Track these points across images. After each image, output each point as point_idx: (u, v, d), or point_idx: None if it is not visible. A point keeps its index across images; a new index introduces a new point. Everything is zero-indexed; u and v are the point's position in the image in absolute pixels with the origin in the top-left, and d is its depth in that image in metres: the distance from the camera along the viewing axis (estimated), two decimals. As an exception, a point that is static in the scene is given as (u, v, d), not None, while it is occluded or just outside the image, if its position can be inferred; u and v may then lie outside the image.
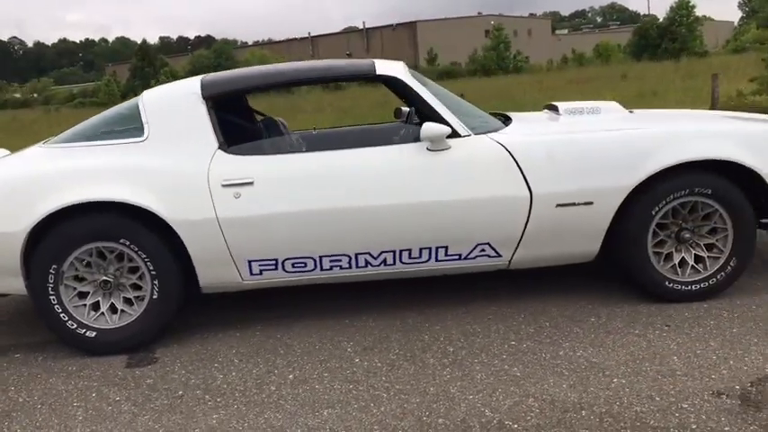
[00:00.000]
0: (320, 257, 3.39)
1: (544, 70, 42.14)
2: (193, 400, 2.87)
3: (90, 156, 3.40)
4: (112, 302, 3.40)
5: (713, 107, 10.86)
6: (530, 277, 3.88)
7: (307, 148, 3.63)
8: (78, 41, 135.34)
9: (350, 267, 3.44)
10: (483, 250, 3.45)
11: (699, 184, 3.36)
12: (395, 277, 3.56)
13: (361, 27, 68.64)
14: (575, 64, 43.97)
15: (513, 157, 3.35)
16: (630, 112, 4.12)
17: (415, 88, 3.48)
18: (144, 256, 3.30)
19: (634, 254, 3.44)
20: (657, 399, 2.61)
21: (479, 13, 70.02)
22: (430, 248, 3.41)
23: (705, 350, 2.97)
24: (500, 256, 3.47)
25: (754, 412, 2.46)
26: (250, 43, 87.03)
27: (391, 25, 66.24)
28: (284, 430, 2.59)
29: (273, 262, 3.39)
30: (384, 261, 3.43)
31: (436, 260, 3.46)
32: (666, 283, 3.47)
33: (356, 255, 3.40)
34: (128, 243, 3.28)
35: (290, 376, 3.02)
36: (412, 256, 3.43)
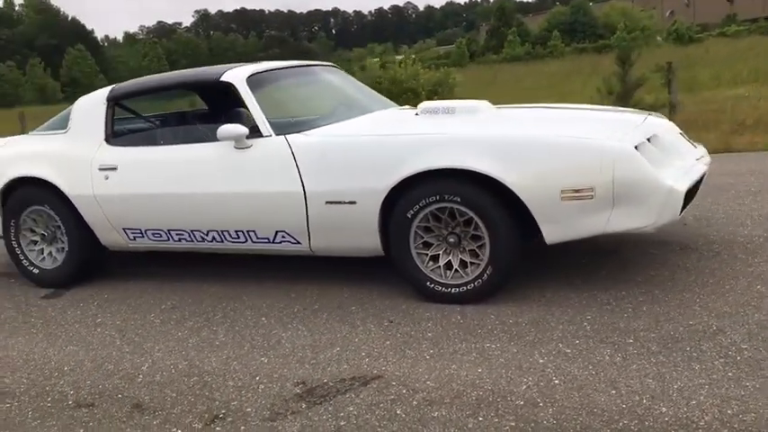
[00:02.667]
0: (168, 231, 4.23)
1: None
2: (25, 324, 4.00)
3: (33, 143, 4.68)
4: (51, 251, 4.66)
5: None
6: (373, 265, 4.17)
7: (165, 141, 4.44)
8: (463, 3, 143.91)
9: (192, 241, 4.22)
10: (284, 237, 3.94)
11: (447, 191, 3.42)
12: (232, 252, 4.24)
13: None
14: None
15: (294, 156, 3.78)
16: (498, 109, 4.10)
17: (241, 95, 4.05)
18: (59, 218, 4.49)
19: (399, 253, 3.63)
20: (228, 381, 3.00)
21: None
22: (243, 231, 4.02)
23: (355, 347, 3.20)
24: (300, 243, 3.92)
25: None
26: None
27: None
28: (30, 350, 3.60)
29: (140, 231, 4.33)
30: (214, 238, 4.14)
31: (252, 241, 4.05)
32: (428, 283, 3.59)
33: (191, 231, 4.17)
34: (47, 207, 4.50)
35: (99, 319, 3.97)
36: (232, 236, 4.07)
